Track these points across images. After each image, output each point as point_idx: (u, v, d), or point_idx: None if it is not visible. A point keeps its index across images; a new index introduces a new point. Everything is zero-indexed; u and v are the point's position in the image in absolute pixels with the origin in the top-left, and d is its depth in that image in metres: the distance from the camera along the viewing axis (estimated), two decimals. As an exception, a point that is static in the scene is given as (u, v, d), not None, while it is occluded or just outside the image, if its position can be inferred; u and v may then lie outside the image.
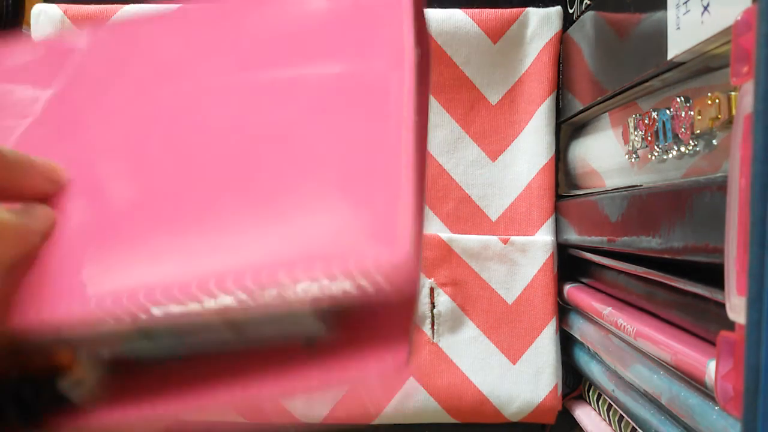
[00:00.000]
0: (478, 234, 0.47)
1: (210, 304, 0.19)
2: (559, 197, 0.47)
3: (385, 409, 0.45)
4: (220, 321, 0.21)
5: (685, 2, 0.27)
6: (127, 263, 0.21)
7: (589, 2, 0.43)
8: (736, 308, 0.21)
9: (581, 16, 0.43)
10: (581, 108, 0.43)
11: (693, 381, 0.29)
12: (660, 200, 0.30)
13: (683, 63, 0.30)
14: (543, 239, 0.46)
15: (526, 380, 0.45)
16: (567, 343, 0.47)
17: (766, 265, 0.19)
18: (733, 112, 0.25)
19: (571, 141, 0.47)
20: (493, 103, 0.47)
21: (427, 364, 0.46)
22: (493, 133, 0.47)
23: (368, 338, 0.21)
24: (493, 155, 0.47)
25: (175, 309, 0.20)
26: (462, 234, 0.47)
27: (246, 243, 0.21)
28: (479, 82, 0.47)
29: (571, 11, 0.46)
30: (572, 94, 0.45)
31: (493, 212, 0.47)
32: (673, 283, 0.32)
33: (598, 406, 0.43)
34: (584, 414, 0.45)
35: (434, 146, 0.47)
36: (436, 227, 0.47)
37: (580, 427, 0.45)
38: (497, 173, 0.47)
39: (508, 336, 0.46)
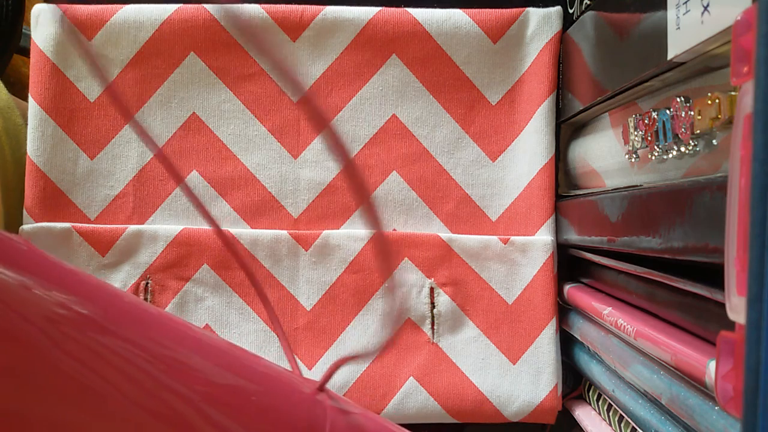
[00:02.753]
0: (478, 234, 0.47)
1: None
2: (559, 197, 0.47)
3: (385, 409, 0.45)
4: None
5: (685, 2, 0.27)
6: None
7: (589, 2, 0.43)
8: (736, 308, 0.21)
9: (581, 16, 0.43)
10: (581, 108, 0.43)
11: (693, 381, 0.29)
12: (660, 200, 0.30)
13: (683, 63, 0.30)
14: (543, 239, 0.46)
15: (526, 380, 0.45)
16: (567, 343, 0.47)
17: (766, 265, 0.19)
18: (733, 112, 0.25)
19: (571, 141, 0.47)
20: (493, 103, 0.47)
21: (427, 364, 0.46)
22: (493, 133, 0.47)
23: None
24: (493, 155, 0.47)
25: None
26: (462, 234, 0.47)
27: None
28: (479, 82, 0.47)
29: (571, 11, 0.46)
30: (572, 94, 0.45)
31: (493, 212, 0.47)
32: (673, 283, 0.32)
33: (598, 406, 0.43)
34: (584, 414, 0.45)
35: (434, 146, 0.47)
36: (436, 227, 0.47)
37: (580, 427, 0.45)
38: (497, 173, 0.47)
39: (508, 336, 0.46)
